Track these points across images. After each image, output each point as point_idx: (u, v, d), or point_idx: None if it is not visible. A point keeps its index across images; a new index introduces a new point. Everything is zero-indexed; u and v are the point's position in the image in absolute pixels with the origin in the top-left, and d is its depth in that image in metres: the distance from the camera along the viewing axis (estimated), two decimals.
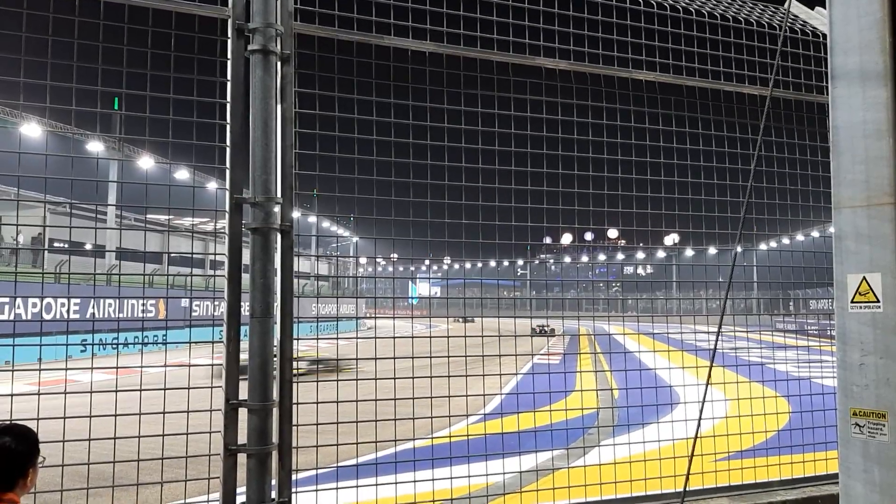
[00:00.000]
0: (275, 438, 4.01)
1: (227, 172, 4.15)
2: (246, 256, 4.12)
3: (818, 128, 6.61)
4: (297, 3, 4.41)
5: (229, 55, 4.18)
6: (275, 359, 4.07)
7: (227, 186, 4.13)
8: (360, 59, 4.80)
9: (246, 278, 4.08)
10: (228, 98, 4.18)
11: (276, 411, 4.04)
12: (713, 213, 6.12)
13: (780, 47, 5.20)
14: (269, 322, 4.03)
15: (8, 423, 2.89)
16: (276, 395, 4.05)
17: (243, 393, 3.97)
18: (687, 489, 5.14)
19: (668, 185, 5.99)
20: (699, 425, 4.83)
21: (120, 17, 4.22)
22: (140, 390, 3.99)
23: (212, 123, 4.30)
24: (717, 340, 5.01)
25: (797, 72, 6.43)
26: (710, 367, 4.95)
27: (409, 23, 4.92)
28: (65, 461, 3.84)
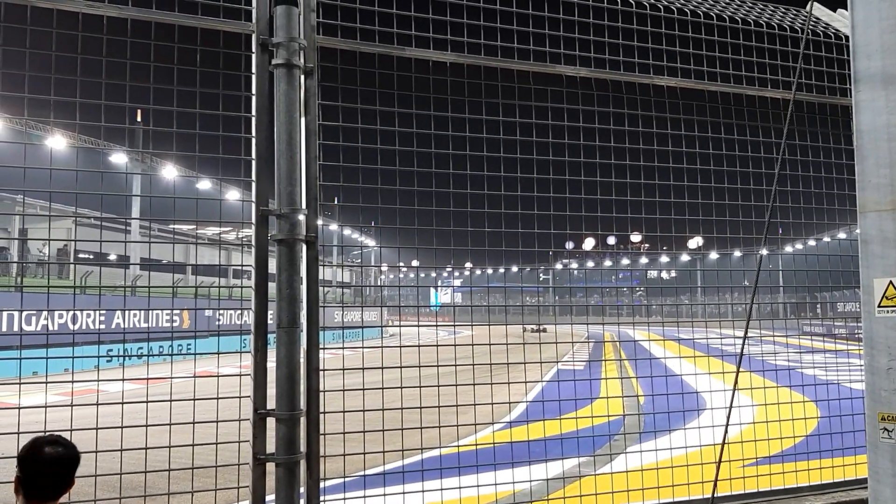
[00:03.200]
0: (303, 447, 4.05)
1: (253, 185, 4.21)
2: (272, 267, 4.17)
3: (843, 130, 6.56)
4: (320, 17, 4.47)
5: (254, 69, 4.25)
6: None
7: (254, 199, 4.18)
8: (381, 70, 4.85)
9: (272, 288, 4.13)
10: (253, 112, 4.24)
11: (303, 420, 4.08)
12: (737, 218, 6.10)
13: (802, 50, 5.19)
14: (296, 332, 4.08)
15: (49, 434, 2.93)
16: (303, 404, 4.09)
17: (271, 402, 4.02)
18: (715, 495, 5.12)
19: (692, 189, 5.98)
20: (727, 431, 4.81)
21: (147, 34, 4.29)
22: (170, 401, 4.05)
23: (235, 137, 4.36)
24: (743, 345, 4.99)
25: (820, 75, 6.39)
26: (737, 371, 4.93)
27: (430, 34, 4.96)
28: (96, 471, 3.90)
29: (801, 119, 6.37)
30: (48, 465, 2.76)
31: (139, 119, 4.50)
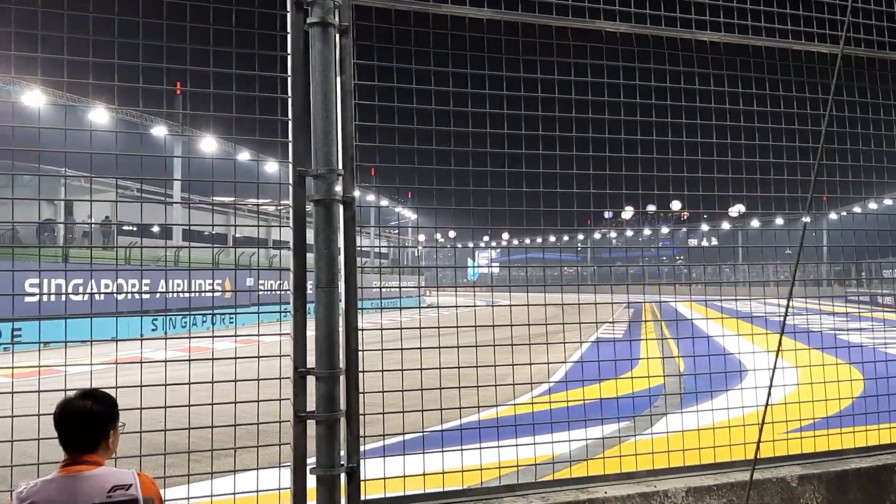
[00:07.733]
0: (342, 405, 4.08)
1: (290, 145, 4.20)
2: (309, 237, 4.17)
3: (893, 86, 6.35)
4: None
5: (289, 29, 4.22)
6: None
7: (290, 159, 4.18)
8: (417, 28, 4.78)
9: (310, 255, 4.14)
10: (289, 71, 4.22)
11: (343, 379, 4.11)
12: (782, 176, 5.94)
13: (850, 3, 5.00)
14: (335, 292, 4.09)
15: (89, 388, 3.01)
16: (342, 363, 4.11)
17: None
18: (757, 458, 5.05)
19: (735, 148, 5.83)
20: (770, 393, 4.73)
21: None
22: (212, 359, 4.09)
23: (272, 100, 4.34)
24: (787, 310, 4.89)
25: (870, 28, 6.17)
26: (781, 335, 4.84)
27: None
28: (141, 428, 3.98)
29: (850, 75, 6.16)
30: (74, 417, 2.85)
31: (178, 93, 4.50)
